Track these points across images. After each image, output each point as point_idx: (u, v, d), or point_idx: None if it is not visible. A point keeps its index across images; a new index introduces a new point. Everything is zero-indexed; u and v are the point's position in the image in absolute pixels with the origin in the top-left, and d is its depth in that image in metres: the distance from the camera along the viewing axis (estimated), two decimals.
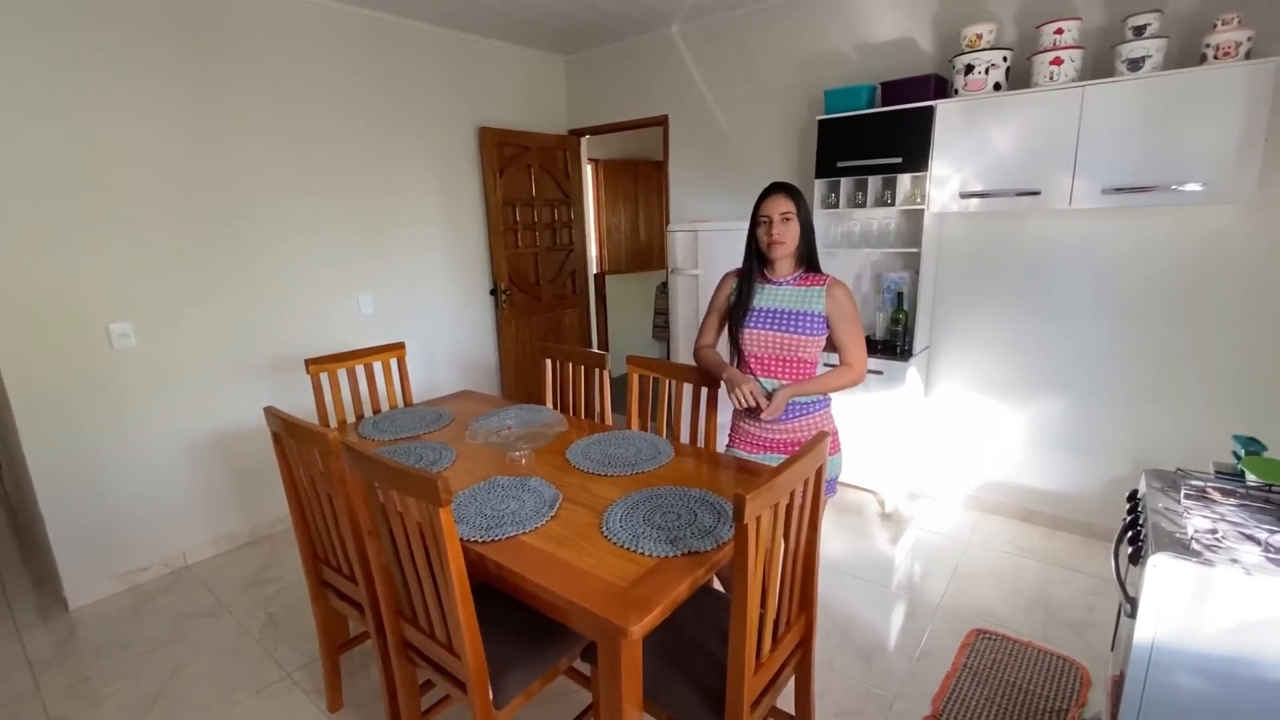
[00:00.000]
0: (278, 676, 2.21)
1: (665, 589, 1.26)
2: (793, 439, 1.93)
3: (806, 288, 1.85)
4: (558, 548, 1.43)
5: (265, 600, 2.66)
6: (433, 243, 3.79)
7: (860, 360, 1.86)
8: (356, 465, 1.44)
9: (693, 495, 1.63)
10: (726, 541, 1.41)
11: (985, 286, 3.00)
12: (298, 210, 3.16)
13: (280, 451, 1.79)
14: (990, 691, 2.03)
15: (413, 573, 1.45)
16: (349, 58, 3.27)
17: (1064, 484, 2.97)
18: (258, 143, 2.97)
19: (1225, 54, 2.15)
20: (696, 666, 1.47)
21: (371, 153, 3.42)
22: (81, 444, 2.61)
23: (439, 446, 2.03)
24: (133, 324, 2.68)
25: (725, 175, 3.77)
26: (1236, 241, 2.41)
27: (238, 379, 3.04)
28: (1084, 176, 2.44)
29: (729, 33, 3.57)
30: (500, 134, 3.93)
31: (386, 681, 1.74)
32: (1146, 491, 1.58)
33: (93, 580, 2.68)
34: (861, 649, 2.25)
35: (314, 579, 1.95)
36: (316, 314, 3.30)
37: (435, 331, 3.88)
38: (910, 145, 2.80)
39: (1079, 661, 2.14)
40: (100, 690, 2.17)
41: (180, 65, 2.71)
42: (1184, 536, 1.32)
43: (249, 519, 3.16)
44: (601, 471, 1.81)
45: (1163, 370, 2.65)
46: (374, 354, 2.58)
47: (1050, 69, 2.44)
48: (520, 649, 1.54)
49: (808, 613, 1.56)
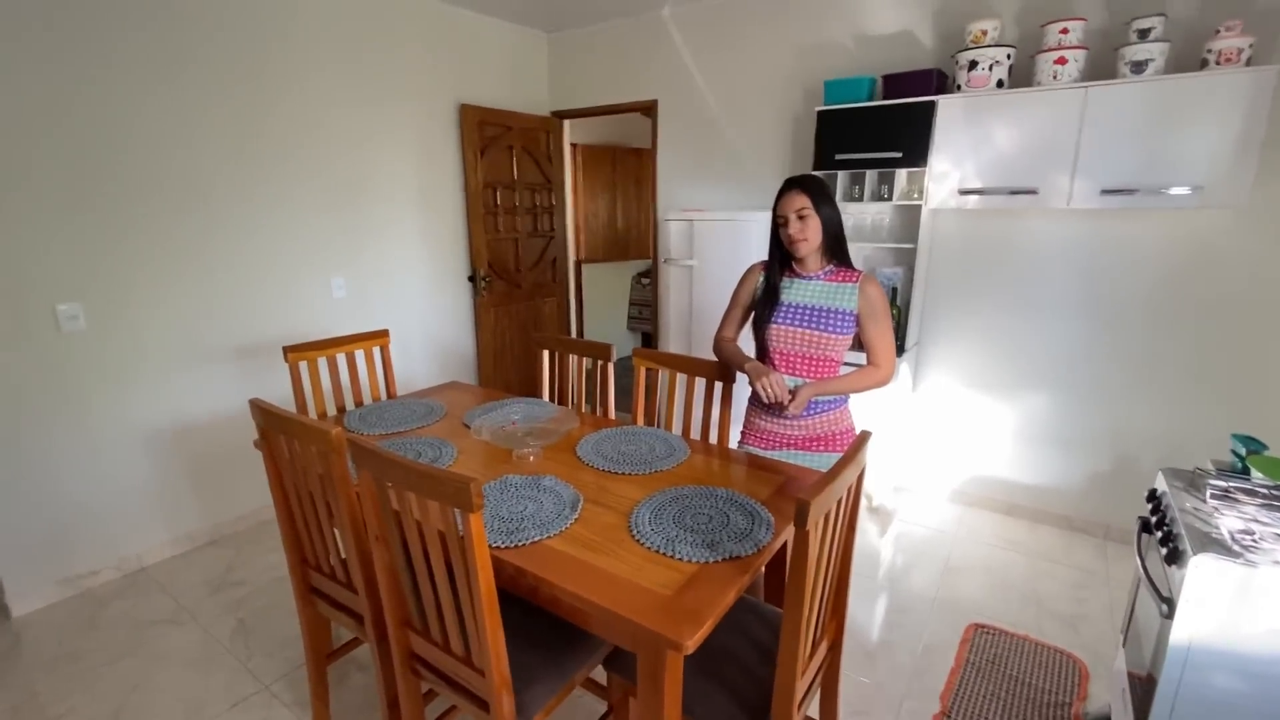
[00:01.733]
0: (254, 689, 2.05)
1: (713, 598, 1.18)
2: (809, 435, 1.88)
3: (839, 284, 1.80)
4: (588, 553, 1.34)
5: (233, 605, 2.47)
6: (410, 224, 3.60)
7: (889, 361, 1.82)
8: (366, 465, 1.31)
9: (720, 495, 1.56)
10: (766, 545, 1.35)
11: (977, 283, 3.02)
12: (266, 185, 2.93)
13: (267, 449, 1.64)
14: (995, 687, 2.04)
15: (427, 581, 1.34)
16: (327, 27, 3.05)
17: (1046, 478, 3.04)
18: (222, 112, 2.73)
19: (1227, 60, 2.19)
20: (728, 674, 1.41)
21: (347, 127, 3.21)
22: (25, 435, 2.36)
23: (437, 442, 1.90)
24: (82, 305, 2.44)
25: (717, 164, 3.70)
26: (1227, 245, 2.48)
27: (199, 365, 2.81)
28: (1084, 177, 2.46)
29: (723, 18, 3.49)
30: (482, 112, 3.76)
31: (387, 694, 1.62)
32: (1168, 490, 1.59)
33: (37, 585, 2.45)
34: (864, 646, 2.24)
35: (301, 585, 1.80)
36: (285, 296, 3.08)
37: (411, 318, 3.70)
38: (910, 140, 2.78)
39: (1076, 655, 2.18)
40: (51, 708, 1.97)
41: (139, 27, 2.46)
42: (1221, 537, 1.33)
43: (210, 517, 2.94)
44: (618, 470, 1.72)
45: (1145, 369, 2.72)
46: (356, 342, 2.42)
47: (1054, 68, 2.45)
48: (540, 660, 1.44)
49: (839, 617, 1.52)
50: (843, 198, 3.05)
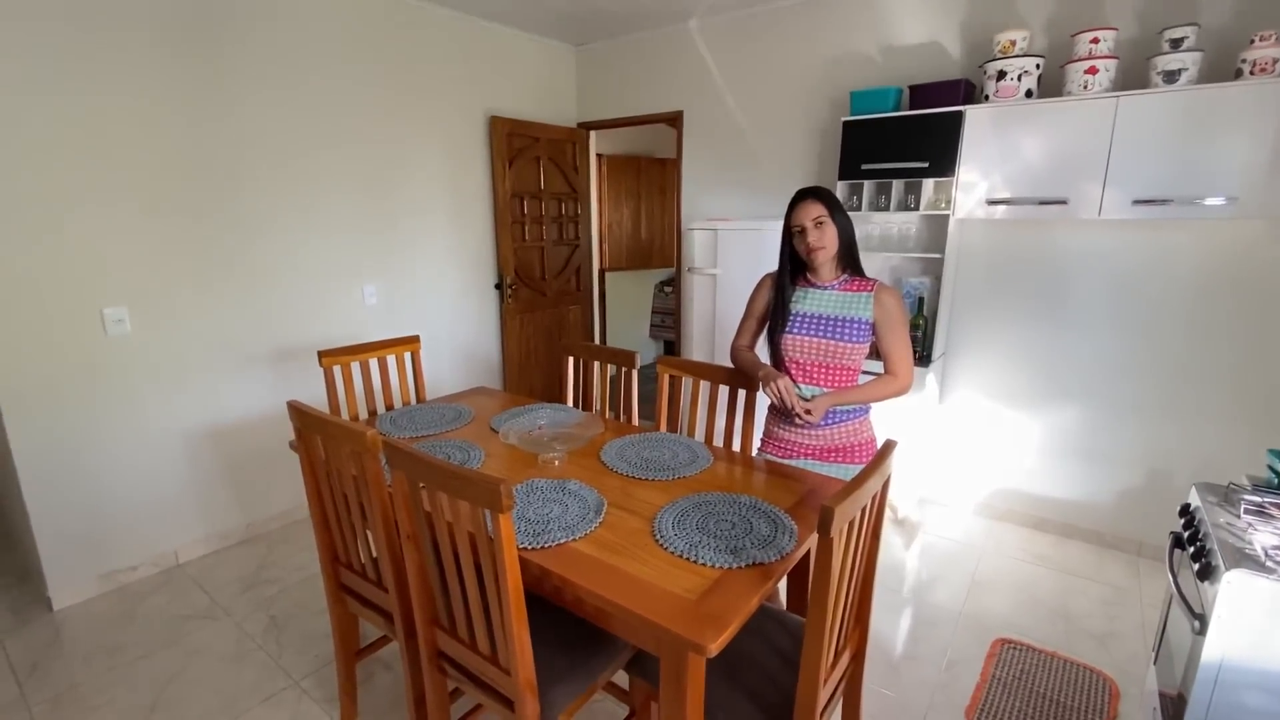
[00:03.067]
0: (285, 684, 2.10)
1: (737, 603, 1.19)
2: (828, 446, 1.88)
3: (854, 293, 1.81)
4: (612, 556, 1.36)
5: (265, 602, 2.54)
6: (439, 233, 3.68)
7: (906, 370, 1.81)
8: (399, 465, 1.35)
9: (743, 502, 1.57)
10: (789, 553, 1.35)
11: (1005, 294, 3.00)
12: (302, 195, 3.03)
13: (304, 449, 1.69)
14: (1021, 704, 2.01)
15: (456, 580, 1.37)
16: (360, 40, 3.15)
17: (1076, 493, 2.99)
18: (263, 124, 2.84)
19: (1261, 70, 2.16)
20: (751, 681, 1.41)
21: (380, 138, 3.30)
22: (70, 434, 2.46)
23: (465, 445, 1.94)
24: (128, 309, 2.54)
25: (741, 174, 3.72)
26: (1264, 256, 2.43)
27: (237, 368, 2.91)
28: (1115, 187, 2.44)
29: (749, 30, 3.52)
30: (510, 124, 3.83)
31: (414, 691, 1.66)
32: (1201, 505, 1.57)
33: (78, 579, 2.54)
34: (889, 659, 2.22)
35: (332, 583, 1.85)
36: (320, 303, 3.17)
37: (439, 324, 3.77)
38: (937, 150, 2.78)
39: (1106, 673, 2.13)
40: (91, 699, 2.04)
41: (186, 41, 2.57)
42: (1255, 553, 1.31)
43: (245, 516, 3.03)
44: (641, 476, 1.74)
45: (1179, 383, 2.67)
46: (388, 347, 2.48)
47: (1085, 78, 2.43)
48: (565, 661, 1.47)
49: (862, 626, 1.52)
50: (869, 207, 3.06)
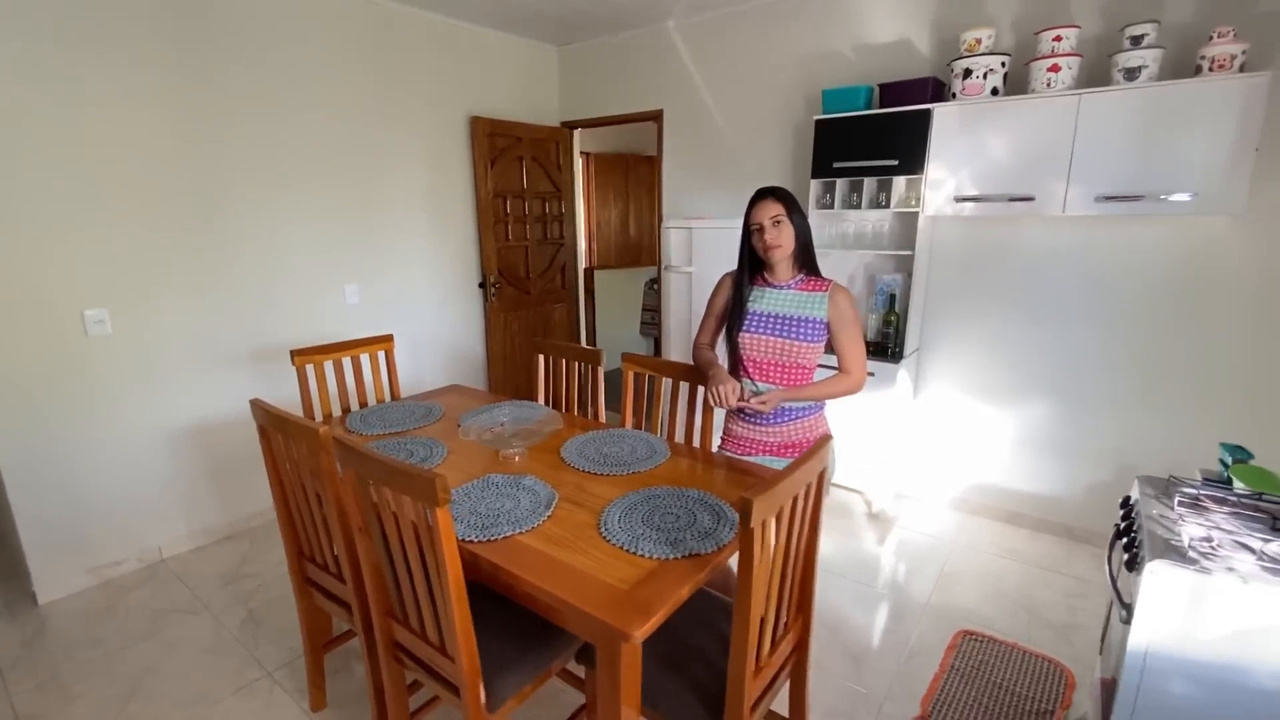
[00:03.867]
0: (258, 675, 2.15)
1: (666, 592, 1.24)
2: (784, 442, 1.92)
3: (809, 293, 1.84)
4: (555, 548, 1.40)
5: (244, 597, 2.59)
6: (421, 233, 3.73)
7: (859, 368, 1.85)
8: (349, 461, 1.39)
9: (691, 496, 1.61)
10: (727, 544, 1.39)
11: (976, 290, 3.02)
12: (283, 196, 3.08)
13: (266, 446, 1.74)
14: (977, 693, 2.05)
15: (405, 572, 1.41)
16: (340, 42, 3.19)
17: (1048, 487, 3.01)
18: (243, 125, 2.89)
19: (1220, 66, 2.18)
20: (693, 670, 1.46)
21: (361, 139, 3.34)
22: (53, 433, 2.52)
23: (430, 442, 1.98)
24: (108, 310, 2.59)
25: (720, 172, 3.75)
26: (1225, 252, 2.45)
27: (218, 368, 2.96)
28: (1078, 184, 2.46)
29: (726, 29, 3.55)
30: (492, 124, 3.87)
31: (374, 682, 1.71)
32: (1140, 498, 1.60)
33: (63, 575, 2.60)
34: (850, 650, 2.26)
35: (298, 576, 1.90)
36: (301, 303, 3.22)
37: (422, 324, 3.82)
38: (906, 148, 2.80)
39: (1063, 663, 2.17)
40: (72, 688, 2.10)
41: (165, 45, 2.61)
42: (1180, 544, 1.33)
43: (228, 513, 3.08)
44: (597, 471, 1.78)
45: (1148, 377, 2.69)
46: (361, 346, 2.52)
47: (1048, 75, 2.46)
48: (514, 650, 1.51)
49: (805, 615, 1.56)
50: (842, 205, 3.08)
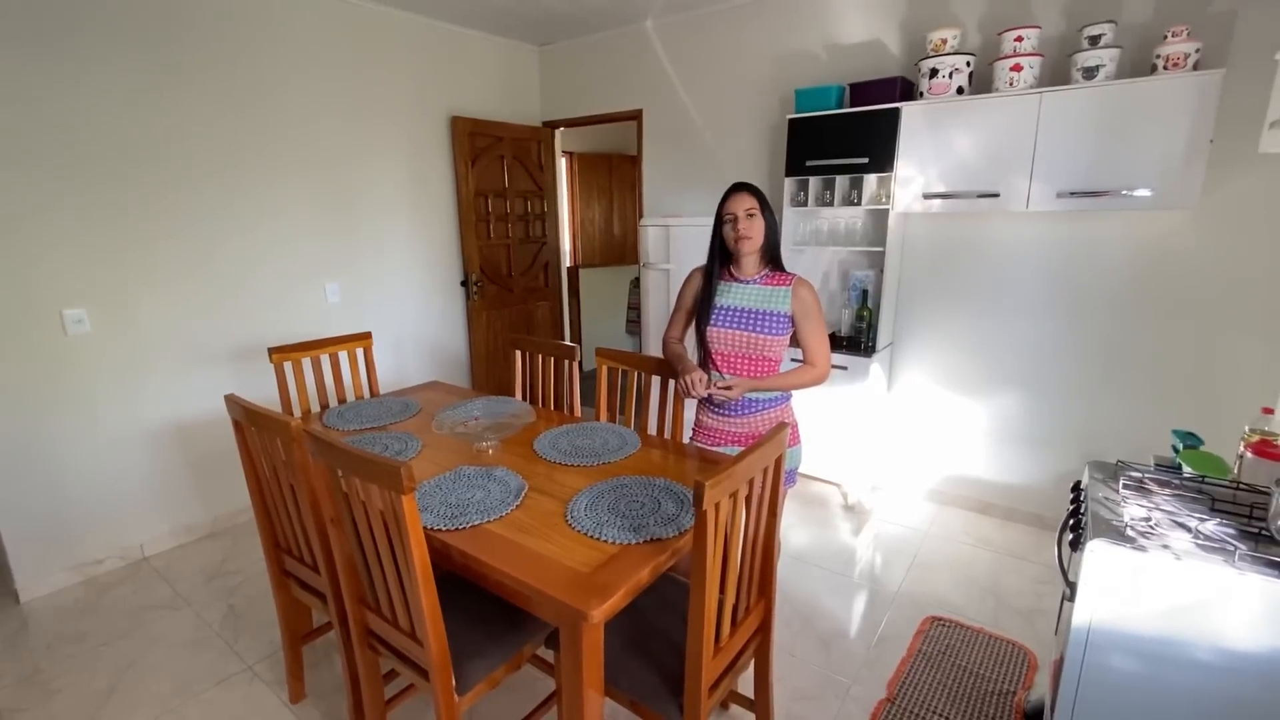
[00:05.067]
0: (238, 668, 2.18)
1: (627, 574, 1.28)
2: (753, 432, 1.97)
3: (773, 287, 1.89)
4: (522, 536, 1.44)
5: (226, 592, 2.61)
6: (402, 232, 3.75)
7: (823, 359, 1.90)
8: (319, 453, 1.43)
9: (657, 484, 1.66)
10: (688, 529, 1.44)
11: (946, 285, 3.08)
12: (263, 195, 3.10)
13: (241, 440, 1.77)
14: (943, 675, 2.11)
15: (376, 561, 1.45)
16: (319, 42, 3.21)
17: (1018, 477, 3.08)
18: (222, 124, 2.90)
19: (1174, 65, 2.24)
20: (658, 651, 1.50)
21: (341, 139, 3.37)
22: (34, 432, 2.53)
23: (405, 437, 2.02)
24: (87, 310, 2.61)
25: (698, 171, 3.80)
26: (1182, 245, 2.52)
27: (199, 366, 2.98)
28: (1041, 180, 2.52)
29: (703, 29, 3.59)
30: (472, 124, 3.90)
31: (349, 670, 1.74)
32: (1089, 482, 1.65)
33: (45, 572, 2.61)
34: (822, 636, 2.31)
35: (275, 569, 1.93)
36: (281, 301, 3.24)
37: (404, 322, 3.85)
38: (876, 146, 2.86)
39: (1027, 646, 2.23)
40: (53, 683, 2.12)
41: (142, 41, 2.63)
42: (1120, 524, 1.39)
43: (210, 510, 3.10)
44: (568, 462, 1.83)
45: (1110, 367, 2.76)
46: (340, 343, 2.55)
47: (1010, 75, 2.52)
48: (484, 636, 1.55)
49: (767, 598, 1.60)
50: (815, 202, 3.14)
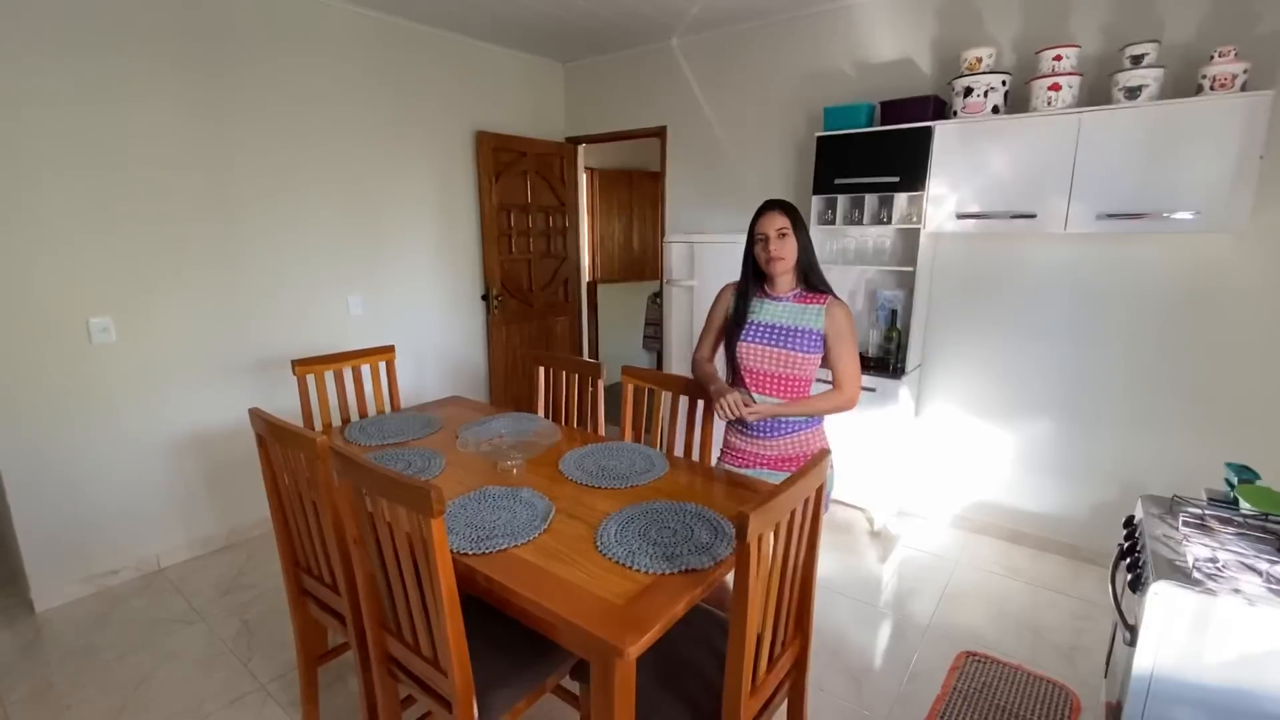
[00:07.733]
0: (251, 688, 2.13)
1: (662, 608, 1.22)
2: (783, 455, 1.91)
3: (806, 305, 1.84)
4: (550, 562, 1.39)
5: (240, 607, 2.57)
6: (425, 245, 3.75)
7: (852, 384, 1.84)
8: (345, 471, 1.39)
9: (689, 510, 1.60)
10: (724, 559, 1.38)
11: (978, 307, 3.01)
12: (289, 208, 3.10)
13: (264, 455, 1.74)
14: (981, 716, 2.01)
15: (399, 584, 1.40)
16: (350, 58, 3.23)
17: (1051, 506, 2.98)
18: (251, 138, 2.92)
19: (1221, 85, 2.18)
20: (689, 687, 1.43)
21: (367, 153, 3.38)
22: (55, 441, 2.52)
23: (428, 453, 1.98)
24: (113, 318, 2.61)
25: (722, 188, 3.77)
26: (1228, 270, 2.44)
27: (221, 377, 2.97)
28: (1079, 201, 2.46)
29: (729, 47, 3.58)
30: (497, 139, 3.91)
31: (366, 696, 1.69)
32: (1143, 517, 1.58)
33: (61, 583, 2.59)
34: (851, 670, 2.23)
35: (294, 587, 1.88)
36: (304, 313, 3.23)
37: (424, 335, 3.83)
38: (908, 165, 2.81)
39: (1069, 686, 2.13)
40: (65, 698, 2.08)
41: (179, 57, 2.65)
42: (1185, 565, 1.32)
43: (226, 522, 3.07)
44: (595, 484, 1.77)
45: (1151, 396, 2.67)
46: (362, 356, 2.53)
47: (1048, 94, 2.47)
48: (508, 665, 1.49)
49: (803, 634, 1.53)
50: (843, 221, 3.09)
